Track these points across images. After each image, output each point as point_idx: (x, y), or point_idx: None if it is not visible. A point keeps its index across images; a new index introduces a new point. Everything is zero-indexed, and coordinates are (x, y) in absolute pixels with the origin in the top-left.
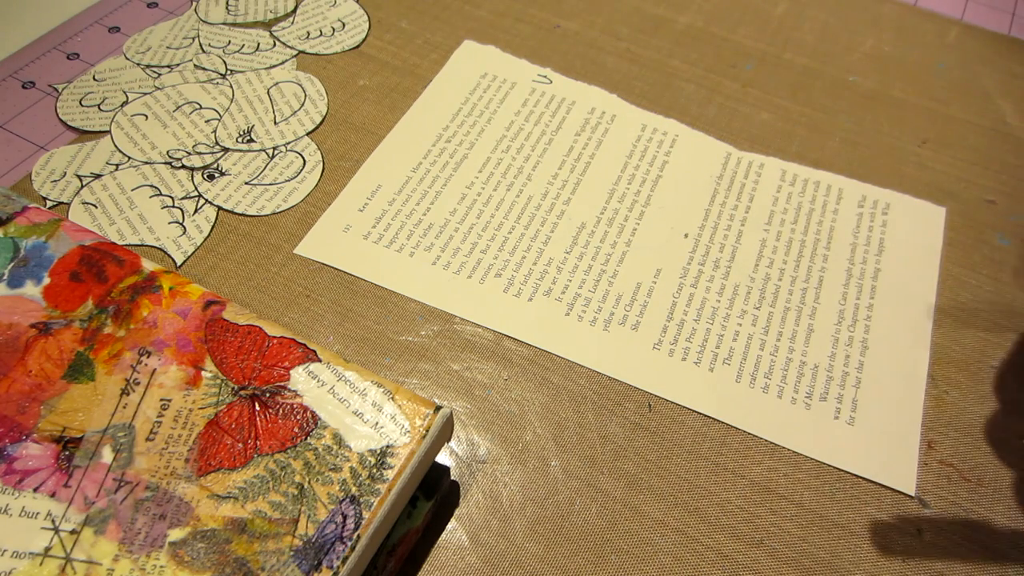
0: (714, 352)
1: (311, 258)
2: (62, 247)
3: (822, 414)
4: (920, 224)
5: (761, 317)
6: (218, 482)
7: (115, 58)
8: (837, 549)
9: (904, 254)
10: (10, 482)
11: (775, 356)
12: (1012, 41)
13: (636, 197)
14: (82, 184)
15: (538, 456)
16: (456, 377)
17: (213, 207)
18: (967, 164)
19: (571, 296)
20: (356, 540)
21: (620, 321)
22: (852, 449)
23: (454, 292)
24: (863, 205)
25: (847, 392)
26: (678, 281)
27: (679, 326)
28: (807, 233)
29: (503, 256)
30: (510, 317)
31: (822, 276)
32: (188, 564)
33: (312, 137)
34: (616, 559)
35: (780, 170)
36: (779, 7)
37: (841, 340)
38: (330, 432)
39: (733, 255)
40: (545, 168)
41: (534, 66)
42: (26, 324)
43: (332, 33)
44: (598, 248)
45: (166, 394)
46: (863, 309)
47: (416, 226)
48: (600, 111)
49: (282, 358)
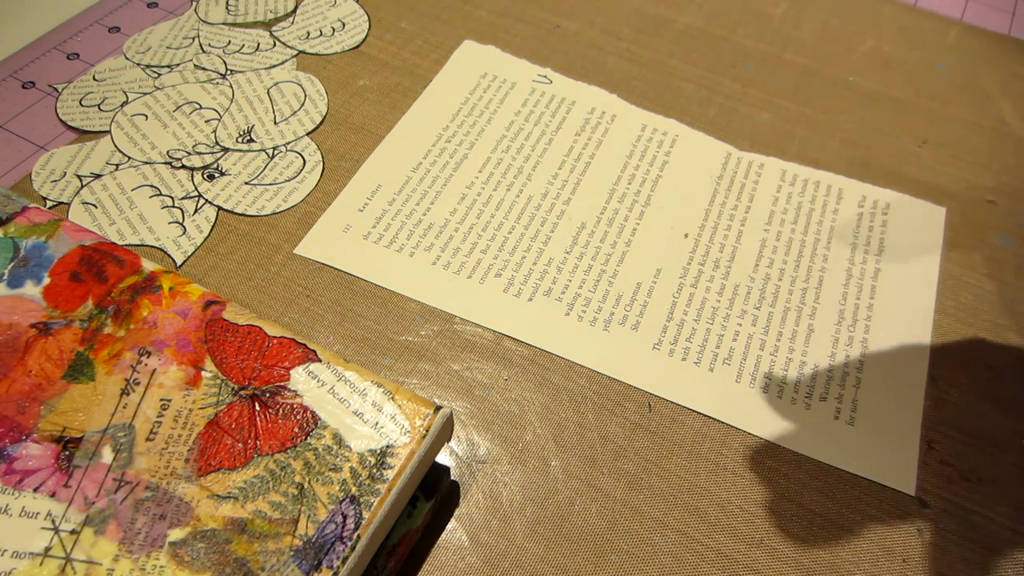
0: (714, 352)
1: (311, 258)
2: (62, 247)
3: (822, 414)
4: (920, 224)
5: (761, 317)
6: (218, 482)
7: (115, 58)
8: (837, 549)
9: (904, 254)
10: (10, 482)
11: (775, 356)
12: (1012, 41)
13: (636, 197)
14: (82, 184)
15: (538, 456)
16: (456, 377)
17: (213, 207)
18: (967, 164)
19: (571, 296)
20: (356, 540)
21: (620, 321)
22: (852, 449)
23: (454, 292)
24: (863, 205)
25: (847, 392)
26: (678, 281)
27: (679, 326)
28: (807, 233)
29: (503, 256)
30: (510, 317)
31: (822, 276)
32: (188, 564)
33: (312, 137)
34: (616, 559)
35: (780, 170)
36: (779, 7)
37: (841, 340)
38: (330, 432)
39: (733, 255)
40: (545, 168)
41: (534, 66)
42: (26, 324)
43: (332, 33)
44: (598, 248)
45: (166, 394)
46: (863, 309)
47: (416, 226)
48: (600, 111)
49: (282, 358)
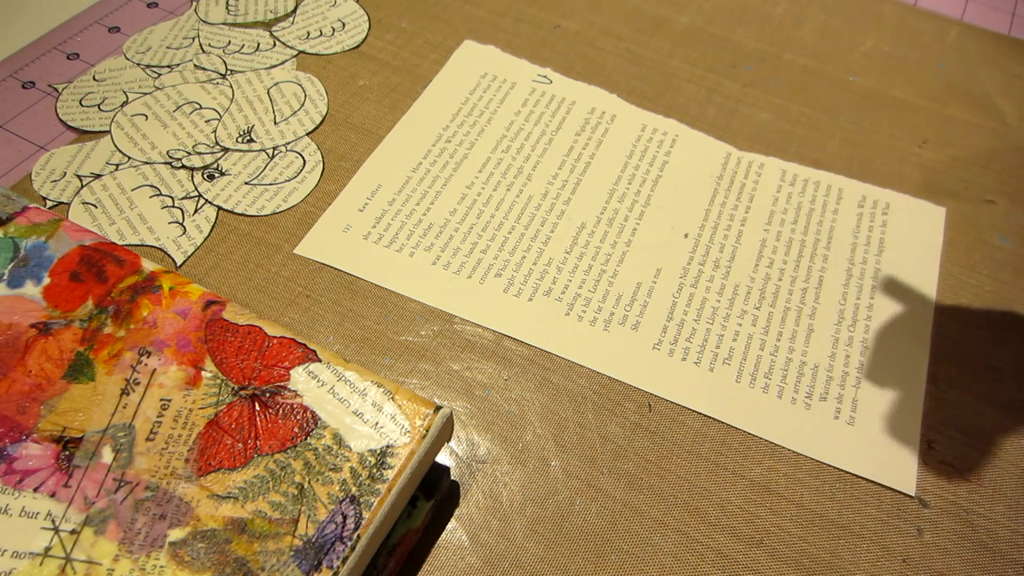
0: (714, 352)
1: (311, 258)
2: (62, 247)
3: (822, 414)
4: (920, 224)
5: (761, 317)
6: (218, 482)
7: (115, 58)
8: (837, 549)
9: (904, 254)
10: (10, 482)
11: (775, 356)
12: (1012, 41)
13: (636, 197)
14: (82, 184)
15: (538, 456)
16: (456, 377)
17: (213, 207)
18: (967, 164)
19: (571, 296)
20: (356, 540)
21: (620, 321)
22: (852, 449)
23: (454, 292)
24: (863, 205)
25: (847, 392)
26: (678, 281)
27: (679, 326)
28: (807, 233)
29: (503, 256)
30: (510, 317)
31: (822, 276)
32: (188, 564)
33: (312, 137)
34: (616, 559)
35: (780, 170)
36: (779, 7)
37: (841, 340)
38: (330, 432)
39: (733, 255)
40: (545, 168)
41: (534, 66)
42: (26, 324)
43: (332, 33)
44: (598, 248)
45: (166, 394)
46: (863, 309)
47: (416, 226)
48: (600, 111)
49: (282, 358)
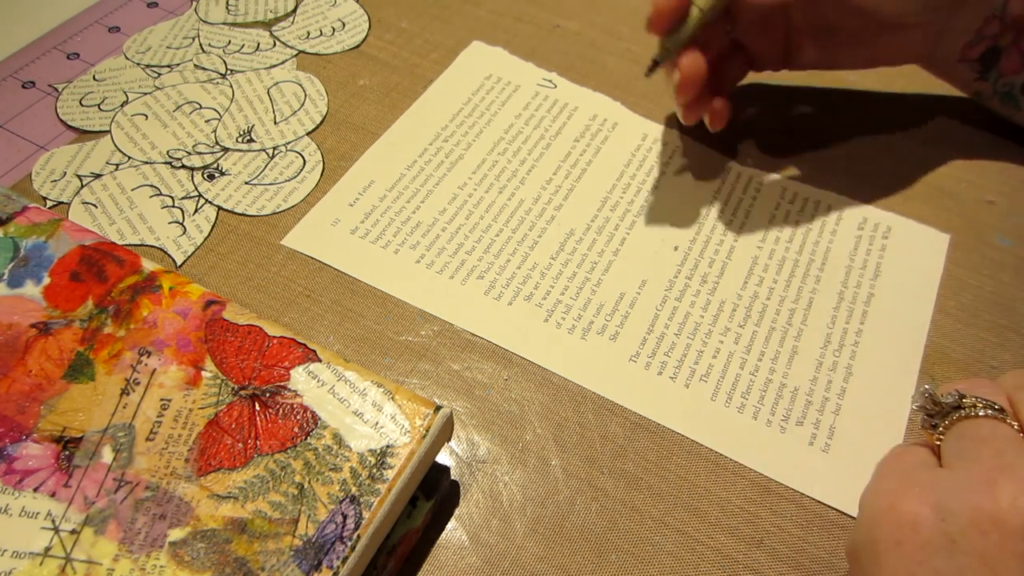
0: (692, 368)
1: (298, 250)
2: (62, 247)
3: (796, 439)
4: (921, 250)
5: (744, 335)
6: (218, 482)
7: (115, 58)
8: (837, 549)
9: (901, 280)
10: (10, 482)
11: (754, 376)
12: None
13: (629, 206)
14: (82, 184)
15: (538, 456)
16: (456, 377)
17: (213, 207)
18: (967, 164)
19: (552, 302)
20: (356, 540)
21: (599, 330)
22: (821, 477)
23: (433, 291)
24: (863, 227)
25: (825, 418)
26: (663, 293)
27: (659, 339)
28: (801, 252)
29: (487, 258)
30: (487, 319)
31: (812, 297)
32: (188, 564)
33: (312, 137)
34: (616, 559)
35: (780, 188)
36: None
37: (825, 364)
38: (330, 432)
39: (723, 271)
40: (540, 173)
41: (540, 69)
42: (26, 324)
43: (332, 33)
44: (584, 256)
45: (166, 394)
46: (851, 334)
47: (404, 224)
48: (602, 118)
49: (282, 358)
